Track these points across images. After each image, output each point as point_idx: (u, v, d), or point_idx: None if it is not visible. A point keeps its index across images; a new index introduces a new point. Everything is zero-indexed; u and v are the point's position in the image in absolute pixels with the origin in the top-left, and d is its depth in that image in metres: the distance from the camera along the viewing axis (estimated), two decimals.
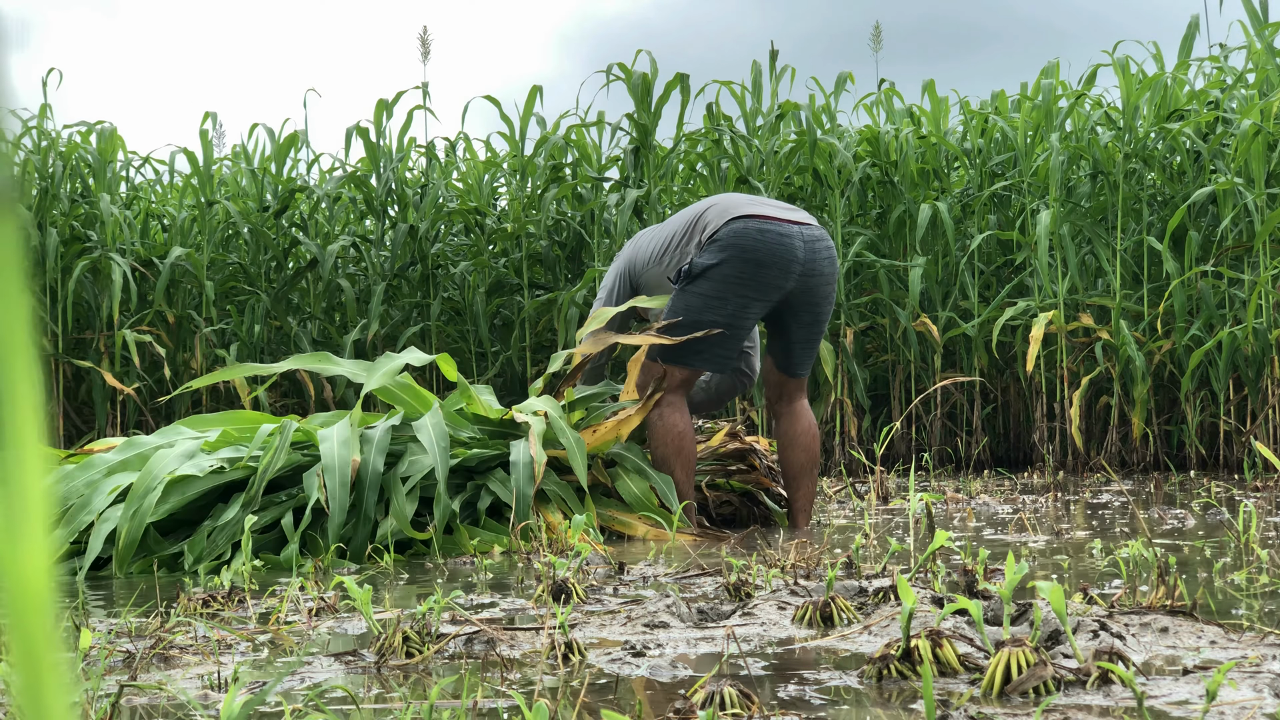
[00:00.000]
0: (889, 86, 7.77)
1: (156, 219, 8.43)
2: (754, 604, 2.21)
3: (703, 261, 3.78)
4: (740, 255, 3.75)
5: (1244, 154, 6.18)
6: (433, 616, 2.00)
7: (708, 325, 3.78)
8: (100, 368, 7.32)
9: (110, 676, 1.80)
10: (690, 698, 1.49)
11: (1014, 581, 1.68)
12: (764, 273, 3.77)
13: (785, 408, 4.06)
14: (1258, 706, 1.42)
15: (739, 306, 3.79)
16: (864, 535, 3.40)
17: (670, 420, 3.82)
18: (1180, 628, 1.86)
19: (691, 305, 3.80)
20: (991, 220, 7.29)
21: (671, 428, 3.81)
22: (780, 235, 3.77)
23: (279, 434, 3.55)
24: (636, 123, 7.14)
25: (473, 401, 4.05)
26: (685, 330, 3.80)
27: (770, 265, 3.76)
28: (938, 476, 6.45)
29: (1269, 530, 3.49)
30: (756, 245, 3.75)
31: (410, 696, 1.65)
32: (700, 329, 3.78)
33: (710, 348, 3.81)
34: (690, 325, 3.79)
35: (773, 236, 3.76)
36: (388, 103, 7.72)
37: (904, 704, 1.55)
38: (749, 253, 3.75)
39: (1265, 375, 6.13)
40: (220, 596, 2.51)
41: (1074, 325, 6.62)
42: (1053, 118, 6.91)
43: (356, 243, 7.94)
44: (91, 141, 7.84)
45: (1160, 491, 4.99)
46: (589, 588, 2.63)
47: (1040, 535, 3.51)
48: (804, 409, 4.07)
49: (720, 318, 3.79)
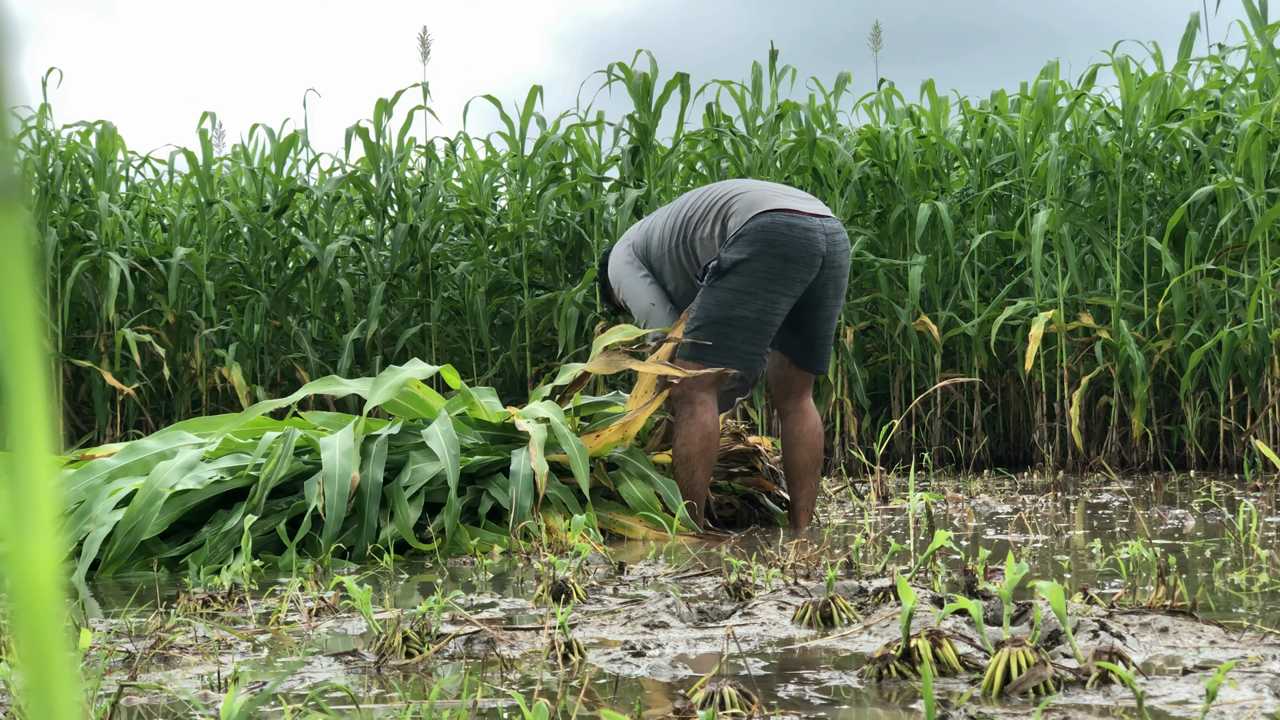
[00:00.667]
0: (889, 86, 7.77)
1: (156, 219, 8.43)
2: (754, 604, 2.21)
3: (731, 257, 3.74)
4: (769, 250, 3.72)
5: (1244, 153, 6.18)
6: (433, 616, 2.00)
7: (737, 321, 3.75)
8: (100, 367, 7.32)
9: (110, 676, 1.80)
10: (690, 698, 1.49)
11: (1014, 581, 1.68)
12: (791, 267, 3.75)
13: (793, 405, 4.04)
14: (1258, 706, 1.42)
15: (769, 302, 3.76)
16: (864, 535, 3.40)
17: (702, 419, 3.79)
18: (1180, 628, 1.86)
19: (721, 300, 3.76)
20: (991, 220, 7.30)
21: (702, 426, 3.79)
22: (805, 230, 3.75)
23: (281, 442, 3.55)
24: (636, 122, 7.14)
25: (474, 407, 4.05)
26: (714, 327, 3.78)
27: (797, 260, 3.74)
28: (938, 476, 6.45)
29: (1269, 530, 3.49)
30: (784, 240, 3.72)
31: (410, 696, 1.65)
32: (730, 325, 3.75)
33: (740, 345, 3.78)
34: (720, 321, 3.76)
35: (799, 231, 3.74)
36: (387, 102, 7.72)
37: (904, 704, 1.55)
38: (777, 248, 3.72)
39: (1265, 375, 6.13)
40: (220, 596, 2.51)
41: (1074, 325, 6.62)
42: (1052, 117, 6.91)
43: (356, 242, 7.94)
44: (91, 141, 7.84)
45: (1160, 491, 4.99)
46: (589, 588, 2.63)
47: (1040, 535, 3.51)
48: (810, 407, 4.06)
49: (750, 313, 3.75)
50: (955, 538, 3.46)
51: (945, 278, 7.25)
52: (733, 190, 3.91)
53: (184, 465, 3.55)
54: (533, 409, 3.87)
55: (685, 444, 3.80)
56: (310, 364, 7.69)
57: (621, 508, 3.82)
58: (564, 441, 3.69)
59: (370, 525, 3.45)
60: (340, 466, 3.47)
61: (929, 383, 7.09)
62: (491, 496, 3.69)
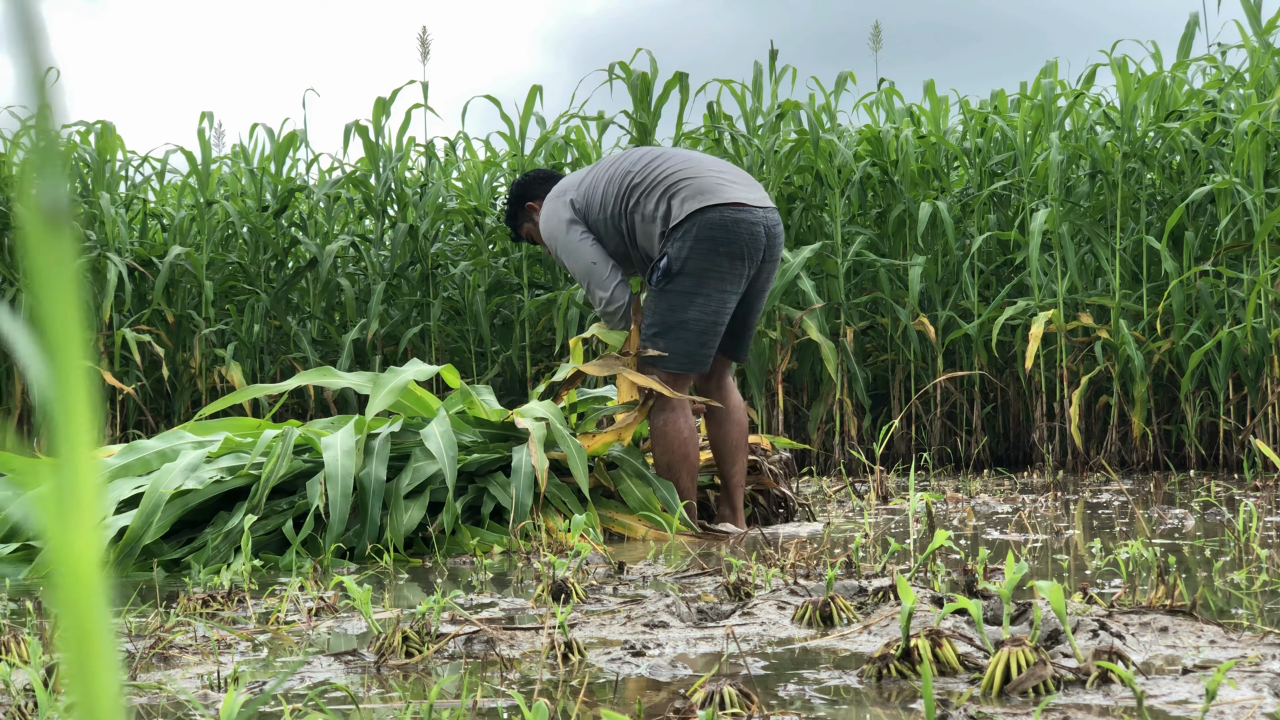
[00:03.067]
0: (889, 86, 7.77)
1: (155, 218, 8.43)
2: (754, 604, 2.21)
3: (677, 255, 3.70)
4: (717, 249, 3.69)
5: (1242, 153, 6.18)
6: (432, 616, 2.00)
7: (692, 324, 3.72)
8: (99, 367, 7.32)
9: None
10: (690, 697, 1.49)
11: (1014, 581, 1.69)
12: (738, 265, 3.73)
13: (716, 386, 3.98)
14: (1257, 706, 1.42)
15: (719, 302, 3.74)
16: (864, 535, 3.40)
17: (675, 426, 3.78)
18: (1180, 627, 1.86)
19: (675, 304, 3.73)
20: (991, 220, 7.30)
21: (676, 434, 3.78)
22: (751, 224, 3.72)
23: (280, 441, 3.55)
24: (636, 121, 7.14)
25: (474, 405, 4.05)
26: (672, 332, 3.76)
27: (743, 257, 3.72)
28: (937, 476, 6.45)
29: (1269, 530, 3.49)
30: (732, 239, 3.69)
31: (410, 696, 1.65)
32: (686, 329, 3.73)
33: (697, 348, 3.76)
34: (677, 325, 3.74)
35: (745, 227, 3.70)
36: (386, 101, 7.72)
37: (904, 703, 1.55)
38: (725, 245, 3.69)
39: (1265, 374, 6.13)
40: (220, 596, 2.51)
41: (1073, 325, 6.62)
42: (1051, 117, 6.91)
43: (356, 242, 7.94)
44: (90, 141, 7.84)
45: (1160, 491, 4.99)
46: (589, 587, 2.63)
47: (1040, 535, 3.51)
48: (732, 385, 4.03)
49: (704, 315, 3.74)
50: (955, 537, 3.46)
51: (945, 277, 7.25)
52: (678, 170, 3.80)
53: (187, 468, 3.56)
54: (530, 408, 3.87)
55: (665, 453, 3.79)
56: (310, 364, 7.68)
57: (621, 507, 3.82)
58: (562, 441, 3.69)
59: (373, 523, 3.45)
60: (343, 466, 3.47)
61: (929, 382, 7.09)
62: (492, 496, 3.69)
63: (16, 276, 7.39)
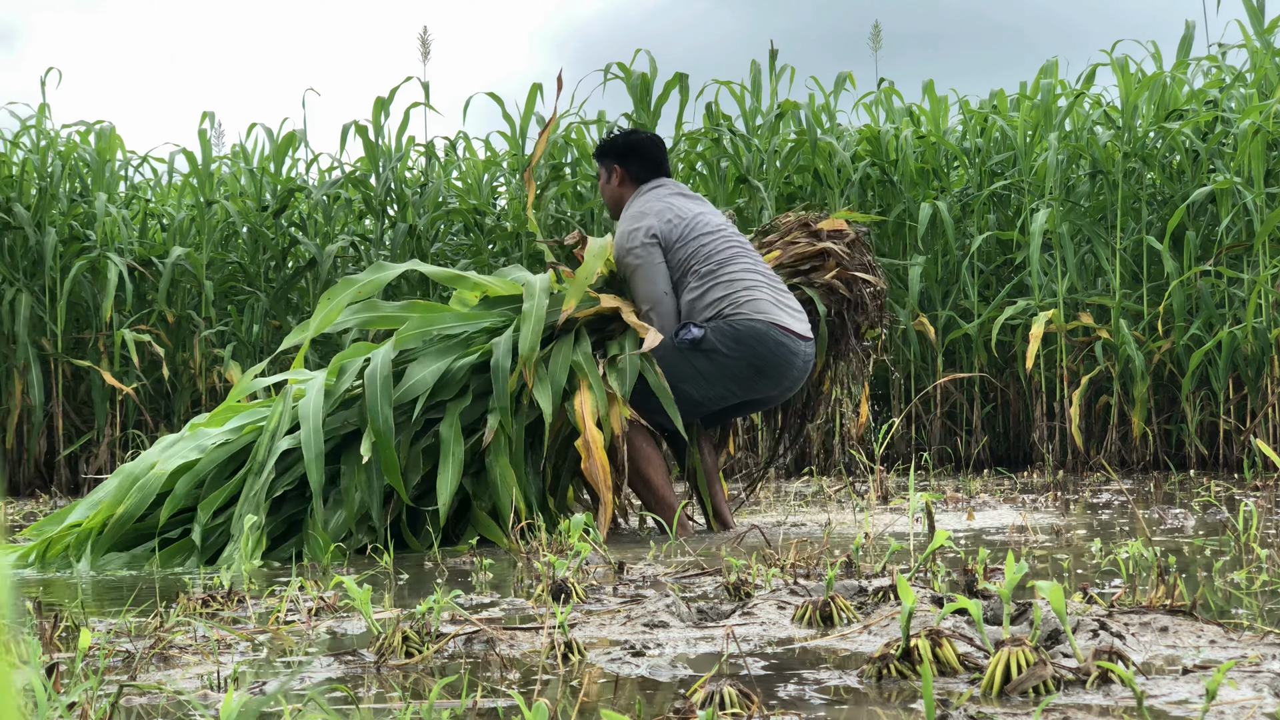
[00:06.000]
0: (888, 85, 7.77)
1: (155, 218, 8.43)
2: (754, 604, 2.21)
3: (713, 341, 3.78)
4: (747, 359, 3.78)
5: (1243, 153, 6.18)
6: (432, 616, 2.00)
7: (683, 394, 3.80)
8: (99, 367, 7.32)
9: (110, 676, 1.80)
10: (690, 697, 1.49)
11: (1014, 581, 1.68)
12: (758, 380, 3.83)
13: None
14: (1257, 706, 1.42)
15: (719, 396, 3.85)
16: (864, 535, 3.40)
17: (634, 443, 3.82)
18: (1180, 627, 1.86)
19: (681, 373, 3.80)
20: (991, 219, 7.30)
21: (638, 450, 3.82)
22: (790, 353, 3.82)
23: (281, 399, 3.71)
24: (636, 122, 7.14)
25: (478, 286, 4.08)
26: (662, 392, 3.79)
27: (767, 375, 3.82)
28: (937, 476, 6.45)
29: (1269, 529, 3.49)
30: (765, 356, 3.78)
31: (410, 696, 1.65)
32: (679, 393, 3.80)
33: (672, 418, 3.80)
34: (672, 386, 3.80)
35: (784, 352, 3.80)
36: (385, 100, 7.72)
37: (904, 703, 1.55)
38: (757, 359, 3.78)
39: (1265, 374, 6.13)
40: (220, 596, 2.51)
41: (1074, 324, 6.62)
42: (1052, 117, 6.91)
43: (355, 242, 7.94)
44: (90, 141, 7.84)
45: (1160, 491, 4.99)
46: (589, 587, 2.63)
47: (1040, 535, 3.51)
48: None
49: (698, 396, 3.83)
50: (955, 538, 3.46)
51: (945, 277, 7.25)
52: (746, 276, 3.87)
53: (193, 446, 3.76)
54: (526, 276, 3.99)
55: (632, 471, 3.84)
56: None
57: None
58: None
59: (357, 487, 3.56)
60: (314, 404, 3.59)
61: (929, 383, 7.09)
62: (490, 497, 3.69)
63: (17, 276, 7.39)
